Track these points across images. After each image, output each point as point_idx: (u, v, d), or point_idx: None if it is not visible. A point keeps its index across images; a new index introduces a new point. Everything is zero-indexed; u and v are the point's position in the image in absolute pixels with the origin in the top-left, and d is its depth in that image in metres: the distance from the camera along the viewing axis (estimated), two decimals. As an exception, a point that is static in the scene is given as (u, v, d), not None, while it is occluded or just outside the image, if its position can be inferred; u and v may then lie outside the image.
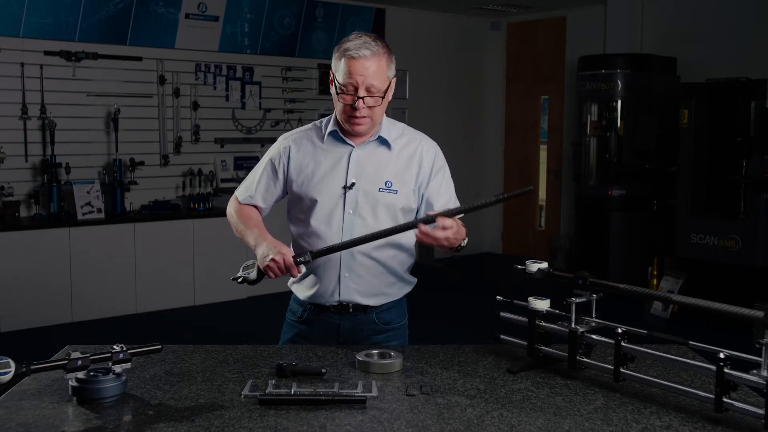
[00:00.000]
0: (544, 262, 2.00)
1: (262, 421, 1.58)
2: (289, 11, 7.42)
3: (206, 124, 6.99)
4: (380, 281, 2.21)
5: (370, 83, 2.06)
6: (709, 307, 1.66)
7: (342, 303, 2.21)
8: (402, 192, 2.18)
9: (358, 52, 2.05)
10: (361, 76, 2.05)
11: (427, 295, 3.79)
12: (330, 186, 2.18)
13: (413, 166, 2.20)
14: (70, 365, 1.66)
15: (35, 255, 5.71)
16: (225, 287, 6.40)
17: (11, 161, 5.96)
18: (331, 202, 2.17)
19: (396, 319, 2.29)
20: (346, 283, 2.19)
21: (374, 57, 2.06)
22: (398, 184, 2.18)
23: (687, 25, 7.23)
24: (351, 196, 2.16)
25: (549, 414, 1.63)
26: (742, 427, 1.55)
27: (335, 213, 2.17)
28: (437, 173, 2.25)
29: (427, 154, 2.23)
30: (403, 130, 2.26)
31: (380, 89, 2.09)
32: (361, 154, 2.19)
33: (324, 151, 2.21)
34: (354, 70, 2.05)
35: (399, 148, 2.21)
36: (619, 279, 5.82)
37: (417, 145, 2.23)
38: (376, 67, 2.06)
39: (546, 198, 8.85)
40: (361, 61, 2.05)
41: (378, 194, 2.16)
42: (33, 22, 6.01)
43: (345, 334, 2.24)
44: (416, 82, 8.49)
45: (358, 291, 2.20)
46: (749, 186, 5.91)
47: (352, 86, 2.07)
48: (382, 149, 2.20)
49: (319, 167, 2.20)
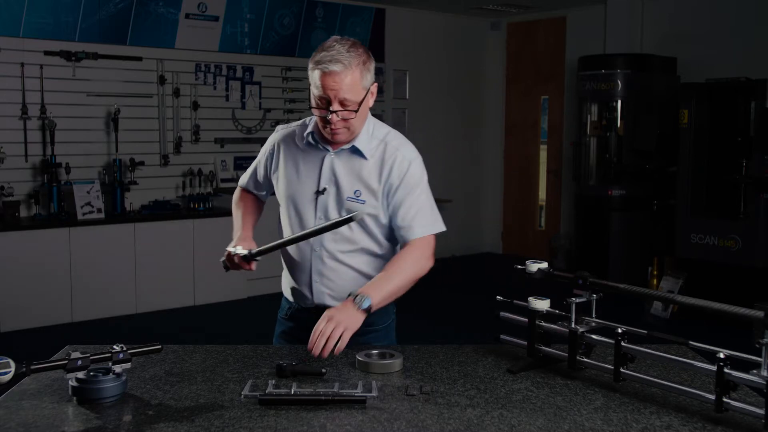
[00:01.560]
0: (544, 262, 1.99)
1: (262, 421, 1.58)
2: (289, 11, 7.42)
3: (206, 124, 6.99)
4: (354, 285, 2.14)
5: (343, 97, 1.98)
6: (709, 307, 1.66)
7: (318, 306, 2.19)
8: (369, 203, 2.12)
9: (328, 66, 1.96)
10: (333, 91, 1.97)
11: (427, 295, 3.81)
12: (303, 189, 2.17)
13: (383, 177, 2.12)
14: (70, 365, 1.66)
15: (35, 255, 5.71)
16: (225, 287, 6.41)
17: (11, 161, 5.97)
18: (304, 205, 2.17)
19: (379, 321, 2.24)
20: (318, 288, 2.19)
21: (347, 70, 1.97)
22: (366, 194, 2.12)
23: (687, 25, 7.23)
24: (322, 201, 2.15)
25: (549, 414, 1.62)
26: (742, 427, 1.55)
27: (307, 217, 2.17)
28: (405, 186, 2.11)
29: (399, 165, 2.11)
30: (386, 135, 2.16)
31: (355, 102, 2.01)
32: (335, 160, 2.15)
33: (302, 153, 2.20)
34: (326, 84, 1.97)
35: (375, 157, 2.13)
36: (619, 279, 5.82)
37: (392, 154, 2.13)
38: (349, 80, 1.97)
39: (546, 198, 8.85)
40: (332, 76, 1.96)
41: (347, 203, 2.13)
42: (33, 22, 6.01)
43: None
44: (416, 82, 8.49)
45: (331, 295, 2.18)
46: (749, 186, 5.91)
47: (324, 100, 2.00)
48: (356, 157, 2.13)
49: (295, 169, 2.19)
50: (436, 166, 8.59)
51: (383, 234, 2.19)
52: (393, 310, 2.32)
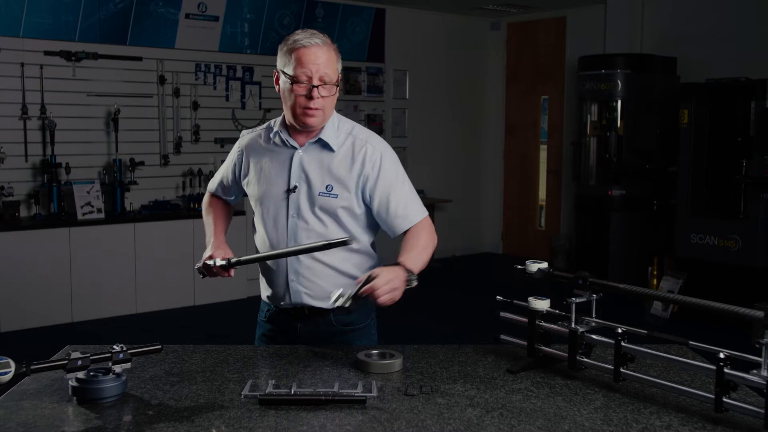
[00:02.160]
0: (544, 262, 1.99)
1: (262, 421, 1.58)
2: (289, 11, 7.42)
3: (206, 124, 6.99)
4: (331, 284, 2.12)
5: (323, 72, 2.04)
6: (709, 307, 1.66)
7: (296, 306, 2.19)
8: (342, 196, 2.12)
9: (309, 40, 2.04)
10: (315, 65, 2.03)
11: (427, 295, 3.80)
12: (275, 189, 2.17)
13: (355, 169, 2.12)
14: (70, 365, 1.66)
15: (35, 255, 5.71)
16: (225, 287, 6.41)
17: (11, 161, 5.97)
18: (276, 205, 2.17)
19: (358, 320, 2.23)
20: (294, 287, 2.17)
21: (325, 46, 2.05)
22: (339, 188, 2.12)
23: (687, 25, 7.23)
24: (293, 199, 2.14)
25: (549, 414, 1.62)
26: (742, 427, 1.55)
27: (279, 216, 2.17)
28: (384, 179, 2.14)
29: (370, 157, 2.13)
30: (352, 129, 2.18)
31: (332, 79, 2.06)
32: (304, 156, 2.15)
33: (271, 153, 2.20)
34: (307, 59, 2.03)
35: (343, 150, 2.14)
36: (619, 279, 5.84)
37: (361, 147, 2.14)
38: (326, 56, 2.05)
39: (546, 198, 8.85)
40: (313, 50, 2.04)
41: (318, 198, 2.12)
42: (33, 22, 6.01)
43: (304, 336, 2.20)
44: (416, 82, 8.49)
45: (308, 294, 2.17)
46: (749, 186, 5.91)
47: (305, 75, 2.04)
48: (324, 152, 2.14)
49: (265, 170, 2.19)
50: (436, 166, 8.73)
51: (360, 226, 2.18)
52: (373, 309, 2.30)
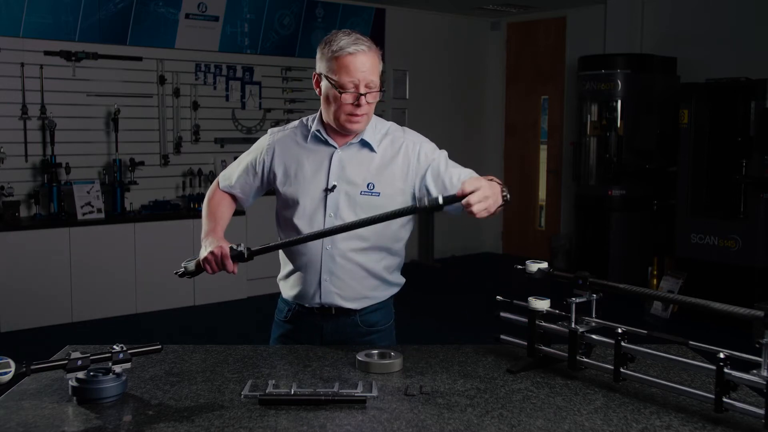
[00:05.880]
0: (544, 262, 1.99)
1: (262, 421, 1.58)
2: (289, 11, 7.42)
3: (206, 124, 6.99)
4: (363, 285, 2.15)
5: (369, 79, 2.02)
6: (709, 307, 1.65)
7: (324, 305, 2.17)
8: (385, 194, 2.11)
9: (355, 47, 2.00)
10: (361, 73, 2.00)
11: (427, 295, 3.81)
12: (312, 188, 2.13)
13: (400, 166, 2.12)
14: (70, 365, 1.66)
15: (35, 255, 5.71)
16: (225, 287, 6.41)
17: (11, 161, 5.96)
18: (313, 204, 2.13)
19: (381, 321, 2.24)
20: (326, 287, 2.15)
21: (370, 52, 2.03)
22: (381, 186, 2.11)
23: (687, 25, 7.23)
24: (332, 198, 2.11)
25: (549, 414, 1.62)
26: (742, 427, 1.55)
27: (317, 216, 2.13)
28: (432, 161, 2.13)
29: (413, 151, 2.14)
30: (388, 129, 2.19)
31: (377, 84, 2.05)
32: (343, 155, 2.13)
33: (307, 152, 2.17)
34: (354, 67, 2.00)
35: (383, 149, 2.14)
36: (619, 279, 5.83)
37: (401, 144, 2.15)
38: (371, 62, 2.03)
39: (546, 198, 8.85)
40: (359, 57, 2.00)
41: (359, 197, 2.10)
42: (33, 22, 6.01)
43: (329, 336, 2.19)
44: (416, 82, 8.49)
45: (339, 294, 2.15)
46: (749, 186, 5.91)
47: (352, 84, 2.01)
48: (365, 151, 2.14)
49: (301, 168, 2.16)
50: (436, 166, 8.69)
51: (399, 223, 2.16)
52: (393, 311, 2.31)
